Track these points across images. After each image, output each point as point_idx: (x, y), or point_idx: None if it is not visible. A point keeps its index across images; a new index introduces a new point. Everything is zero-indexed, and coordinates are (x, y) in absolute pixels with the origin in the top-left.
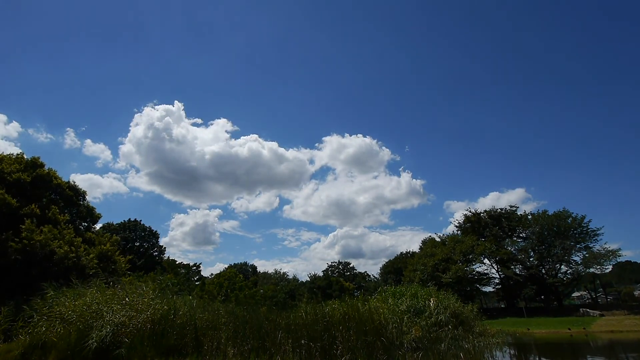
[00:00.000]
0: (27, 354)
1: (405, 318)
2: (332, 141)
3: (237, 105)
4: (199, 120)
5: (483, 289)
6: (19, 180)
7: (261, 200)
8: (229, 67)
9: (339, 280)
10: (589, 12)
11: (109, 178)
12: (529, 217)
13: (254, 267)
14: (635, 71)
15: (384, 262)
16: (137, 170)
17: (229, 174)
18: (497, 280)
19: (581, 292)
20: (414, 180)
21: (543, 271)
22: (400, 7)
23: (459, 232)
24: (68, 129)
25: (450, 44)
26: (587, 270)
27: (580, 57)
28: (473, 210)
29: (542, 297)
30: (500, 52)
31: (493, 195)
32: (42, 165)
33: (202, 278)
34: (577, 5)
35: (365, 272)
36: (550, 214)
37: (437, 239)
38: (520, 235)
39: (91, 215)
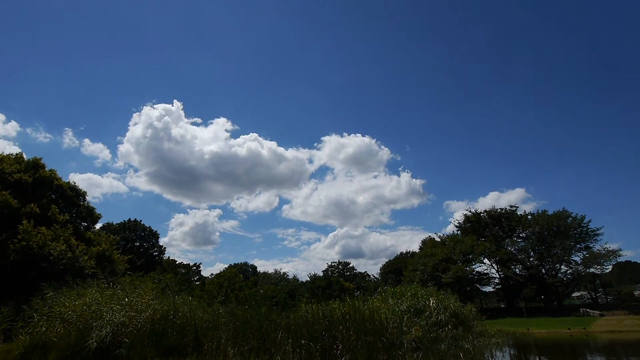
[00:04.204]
0: (27, 354)
1: (405, 318)
2: (331, 141)
3: (236, 105)
4: (199, 120)
5: (483, 289)
6: (20, 180)
7: (261, 200)
8: (229, 66)
9: (339, 280)
10: (589, 12)
11: (108, 178)
12: (529, 217)
13: (254, 267)
14: (635, 71)
15: (384, 262)
16: (136, 170)
17: (228, 173)
18: (497, 280)
19: (581, 292)
20: (414, 179)
21: (543, 271)
22: (399, 6)
23: (459, 232)
24: (66, 128)
25: (450, 43)
26: (587, 270)
27: (580, 56)
28: (473, 210)
29: (542, 297)
30: (501, 51)
31: (493, 195)
32: (43, 167)
33: (202, 278)
34: (577, 5)
35: (365, 272)
36: (550, 214)
37: (437, 239)
38: (520, 235)
39: (91, 215)
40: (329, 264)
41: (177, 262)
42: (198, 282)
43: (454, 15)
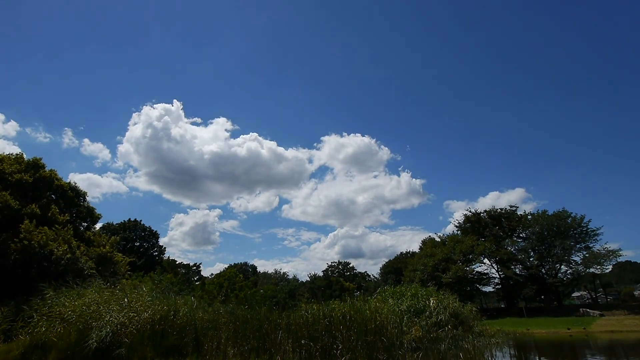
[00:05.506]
0: (27, 354)
1: (405, 318)
2: (330, 141)
3: (236, 105)
4: (199, 120)
5: (483, 289)
6: (21, 181)
7: (260, 200)
8: (229, 66)
9: (339, 280)
10: (588, 11)
11: (108, 178)
12: (529, 217)
13: (254, 267)
14: (635, 70)
15: (384, 262)
16: (136, 170)
17: (228, 173)
18: (497, 280)
19: (581, 292)
20: (414, 179)
21: (543, 271)
22: (399, 6)
23: (458, 232)
24: (66, 128)
25: (450, 43)
26: (587, 270)
27: (580, 56)
28: (473, 210)
29: (542, 297)
30: (500, 51)
31: (493, 195)
32: (43, 167)
33: (202, 278)
34: (577, 5)
35: (365, 272)
36: (550, 214)
37: (437, 239)
38: (520, 235)
39: (91, 215)
40: (329, 264)
41: (177, 262)
42: (198, 282)
43: (454, 16)
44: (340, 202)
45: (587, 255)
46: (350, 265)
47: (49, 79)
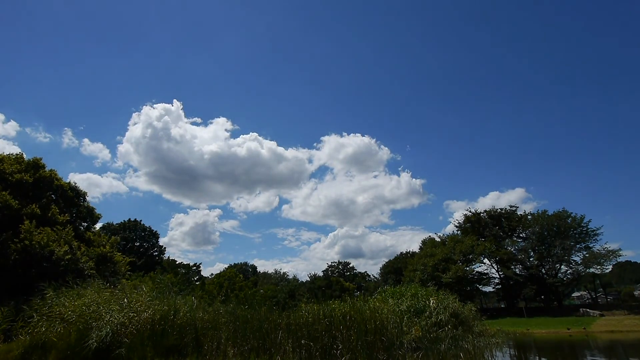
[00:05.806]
0: (27, 354)
1: (405, 318)
2: (330, 140)
3: (236, 105)
4: (198, 120)
5: (483, 289)
6: (21, 181)
7: (260, 200)
8: (228, 66)
9: (339, 280)
10: (589, 12)
11: (108, 178)
12: (529, 217)
13: (254, 267)
14: (635, 71)
15: (384, 262)
16: (135, 170)
17: (228, 173)
18: (497, 280)
19: (581, 292)
20: (414, 179)
21: (543, 271)
22: (399, 6)
23: (458, 232)
24: (66, 128)
25: (450, 43)
26: (587, 270)
27: (581, 56)
28: (473, 210)
29: (542, 297)
30: (500, 51)
31: (493, 195)
32: (43, 167)
33: (202, 278)
34: (577, 4)
35: (365, 272)
36: (550, 214)
37: (437, 239)
38: (520, 235)
39: (91, 215)
40: (329, 264)
41: (177, 262)
42: (198, 282)
43: (454, 15)
44: (340, 202)
45: (587, 255)
46: (350, 265)
47: (49, 78)
